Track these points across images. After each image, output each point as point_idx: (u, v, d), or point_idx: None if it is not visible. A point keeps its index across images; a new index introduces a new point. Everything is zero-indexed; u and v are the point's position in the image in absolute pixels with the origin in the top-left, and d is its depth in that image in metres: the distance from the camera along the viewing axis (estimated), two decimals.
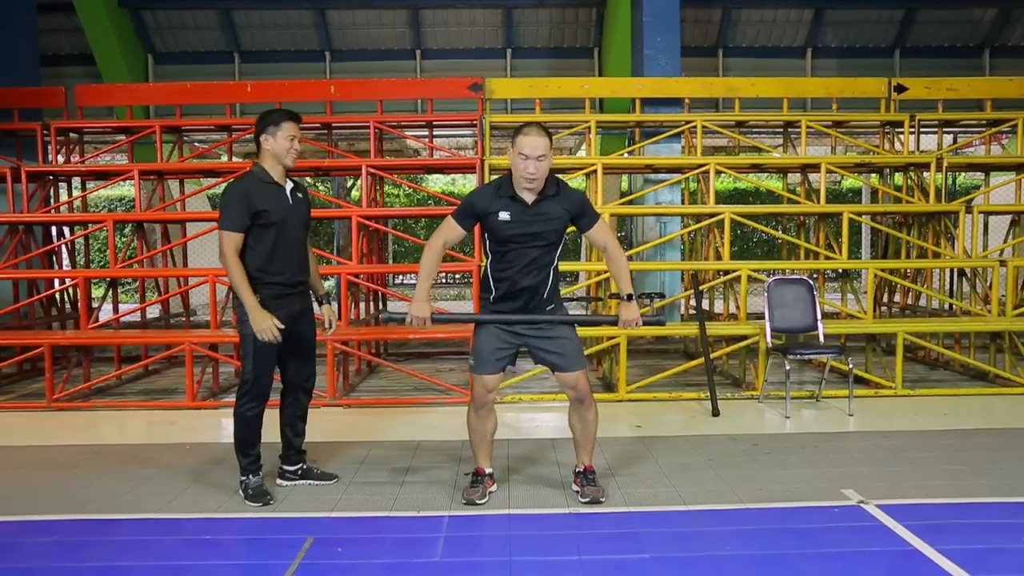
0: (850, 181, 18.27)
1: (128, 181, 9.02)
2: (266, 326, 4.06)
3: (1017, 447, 5.30)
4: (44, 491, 4.52)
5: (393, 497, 4.33)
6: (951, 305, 8.52)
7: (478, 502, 4.17)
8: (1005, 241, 8.90)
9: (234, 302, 4.23)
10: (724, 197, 17.85)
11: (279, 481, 4.52)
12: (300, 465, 4.56)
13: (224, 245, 4.07)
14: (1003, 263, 7.53)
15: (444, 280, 19.88)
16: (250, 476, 4.27)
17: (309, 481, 4.53)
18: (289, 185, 4.29)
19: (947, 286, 8.73)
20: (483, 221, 4.09)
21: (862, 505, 4.11)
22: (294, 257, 4.29)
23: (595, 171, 7.97)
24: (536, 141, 3.92)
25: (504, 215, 4.01)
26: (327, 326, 4.56)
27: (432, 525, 3.93)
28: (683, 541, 3.73)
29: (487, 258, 4.15)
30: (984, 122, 9.36)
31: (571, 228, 4.22)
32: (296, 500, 4.30)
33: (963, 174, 15.34)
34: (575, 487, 4.27)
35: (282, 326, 4.12)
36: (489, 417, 4.25)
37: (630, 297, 4.17)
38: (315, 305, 4.58)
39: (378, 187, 8.83)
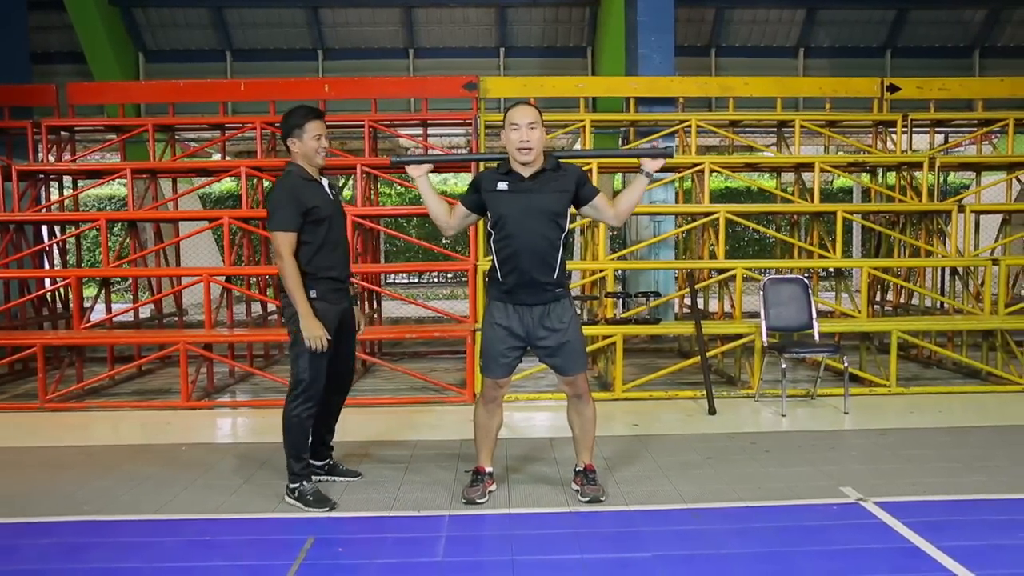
0: (841, 180, 18.35)
1: (117, 180, 8.97)
2: (317, 334, 4.02)
3: (1011, 444, 5.34)
4: (41, 492, 4.50)
5: (393, 497, 4.32)
6: (942, 303, 8.56)
7: (478, 501, 4.17)
8: (996, 240, 8.95)
9: (283, 302, 4.17)
10: (716, 196, 17.89)
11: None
12: (328, 460, 4.54)
13: (280, 247, 4.01)
14: (995, 262, 7.58)
15: (436, 280, 19.85)
16: (304, 482, 4.16)
17: (335, 477, 4.52)
18: (324, 181, 4.27)
19: (939, 285, 8.77)
20: (485, 198, 4.09)
21: (861, 503, 4.13)
22: (343, 252, 4.29)
23: (590, 170, 7.97)
24: (525, 109, 4.00)
25: (502, 184, 4.05)
26: (358, 328, 4.54)
27: (433, 524, 3.93)
28: (684, 539, 3.74)
29: (491, 240, 4.11)
30: (975, 122, 9.42)
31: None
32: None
33: (953, 173, 15.41)
34: (575, 486, 4.28)
35: (329, 337, 4.08)
36: (496, 413, 4.25)
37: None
38: None
39: (372, 186, 8.81)
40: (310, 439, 4.28)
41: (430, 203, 4.21)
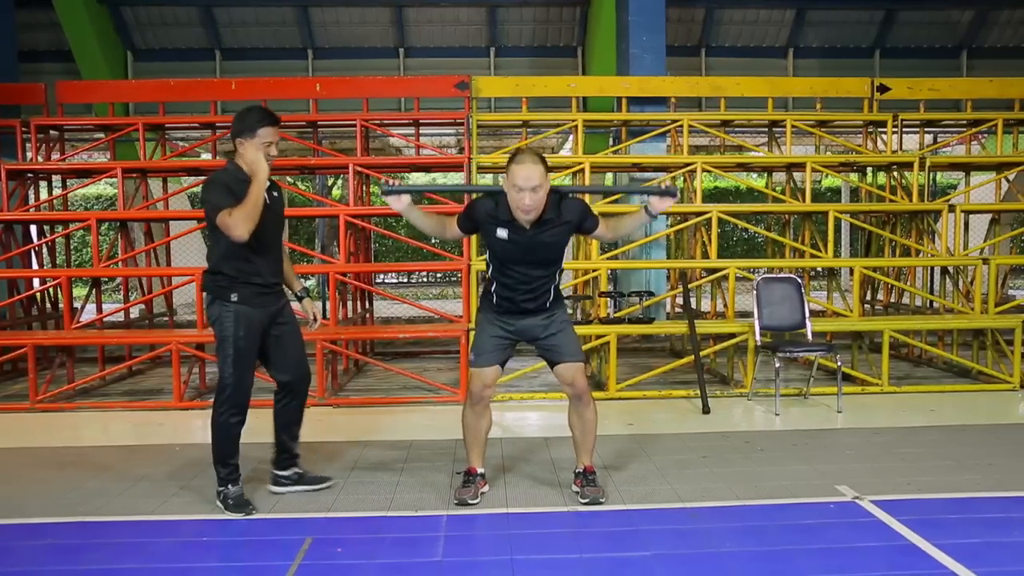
0: (829, 180, 18.44)
1: (106, 179, 8.91)
2: (262, 165, 3.88)
3: (1003, 442, 5.38)
4: (34, 493, 4.46)
5: (389, 497, 4.31)
6: (932, 302, 8.62)
7: (470, 502, 4.16)
8: (985, 239, 9.02)
9: (208, 304, 4.07)
10: (705, 196, 17.94)
11: (272, 488, 4.37)
12: (294, 470, 4.43)
13: (221, 220, 3.80)
14: (986, 261, 7.63)
15: (426, 279, 19.83)
16: (229, 486, 4.09)
17: (304, 487, 4.40)
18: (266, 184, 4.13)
19: (928, 284, 8.83)
20: (481, 230, 4.11)
21: (857, 501, 4.14)
22: (271, 257, 4.14)
23: (582, 170, 7.99)
24: (530, 171, 3.81)
25: (502, 232, 3.99)
26: (311, 321, 4.43)
27: (431, 524, 3.92)
28: (683, 538, 3.74)
29: (489, 268, 4.17)
30: (964, 122, 9.48)
31: None
32: (292, 501, 4.27)
33: (941, 173, 15.52)
34: (575, 488, 4.27)
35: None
36: (484, 414, 4.25)
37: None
38: (295, 303, 4.44)
39: (364, 186, 8.78)
40: (239, 445, 4.19)
41: (422, 225, 4.22)
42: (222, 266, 4.01)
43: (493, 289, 4.17)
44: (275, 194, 4.20)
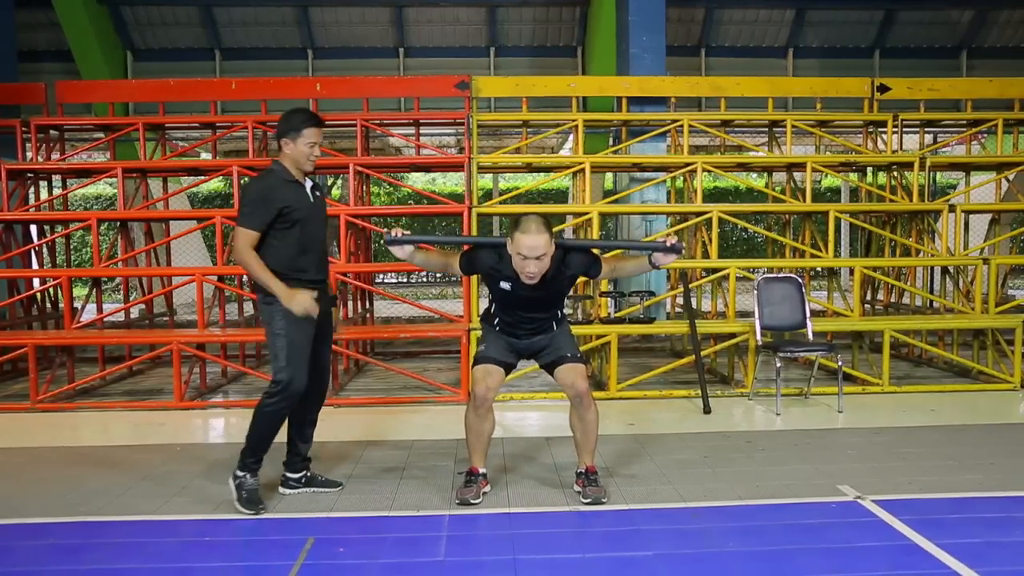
0: (828, 180, 18.45)
1: (105, 179, 8.91)
2: (301, 299, 3.95)
3: (1004, 442, 5.38)
4: (35, 493, 4.46)
5: (391, 497, 4.31)
6: (932, 302, 8.62)
7: (472, 502, 4.16)
8: (985, 239, 9.03)
9: (258, 303, 4.11)
10: (705, 196, 17.97)
11: (281, 489, 4.35)
12: (304, 472, 4.42)
13: (239, 241, 3.98)
14: (986, 261, 7.63)
15: (426, 279, 19.82)
16: (248, 476, 4.10)
17: (313, 488, 4.39)
18: (309, 183, 4.22)
19: (928, 284, 8.84)
20: (483, 278, 4.22)
21: (859, 501, 4.14)
22: (317, 255, 4.21)
23: (583, 169, 7.98)
24: (535, 241, 3.82)
25: (505, 285, 4.06)
26: (335, 329, 4.52)
27: (433, 524, 3.92)
28: (685, 538, 3.74)
29: (491, 299, 4.27)
30: (964, 122, 9.49)
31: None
32: (294, 501, 4.26)
33: (941, 173, 15.53)
34: (577, 488, 4.27)
35: (315, 294, 4.04)
36: (487, 416, 4.25)
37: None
38: None
39: (364, 185, 8.78)
40: (273, 441, 4.19)
41: (426, 266, 4.37)
42: (270, 264, 4.01)
43: (494, 312, 4.28)
44: (318, 193, 4.26)
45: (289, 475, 4.38)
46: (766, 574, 3.36)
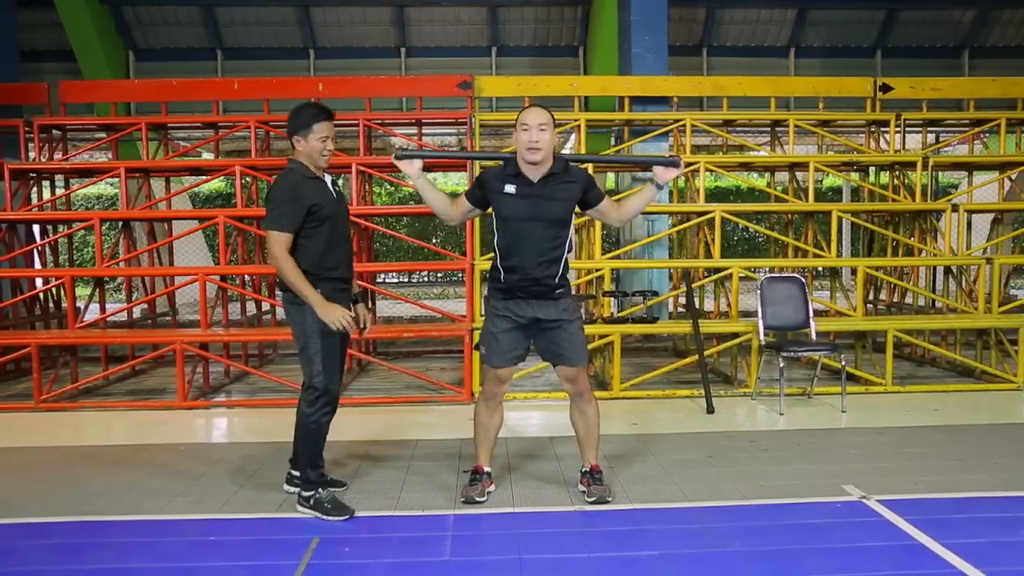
0: (829, 180, 18.44)
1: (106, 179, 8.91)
2: (338, 315, 3.89)
3: (1008, 442, 5.38)
4: (40, 493, 4.46)
5: (395, 497, 4.31)
6: (935, 302, 8.62)
7: (477, 500, 4.16)
8: (988, 239, 9.03)
9: (284, 301, 4.02)
10: (706, 195, 18.00)
11: (286, 487, 4.32)
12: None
13: (275, 246, 3.88)
14: (989, 261, 7.63)
15: (427, 279, 19.82)
16: (319, 490, 4.02)
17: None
18: (328, 179, 4.15)
19: (931, 283, 8.84)
20: (490, 197, 4.11)
21: (864, 500, 4.14)
22: (345, 252, 4.15)
23: (586, 169, 7.96)
24: (537, 111, 4.01)
25: (509, 188, 4.03)
26: (361, 326, 4.34)
27: (438, 524, 3.92)
28: (690, 538, 3.74)
29: (495, 238, 4.14)
30: (967, 121, 9.48)
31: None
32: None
33: (943, 172, 15.52)
34: (581, 487, 4.27)
35: (352, 315, 4.00)
36: (497, 410, 4.25)
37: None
38: None
39: (366, 185, 8.78)
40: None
41: (429, 198, 4.23)
42: (301, 264, 3.93)
43: (499, 265, 4.11)
44: (336, 189, 4.20)
45: (295, 473, 4.34)
46: (771, 574, 3.36)
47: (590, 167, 4.43)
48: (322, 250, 4.00)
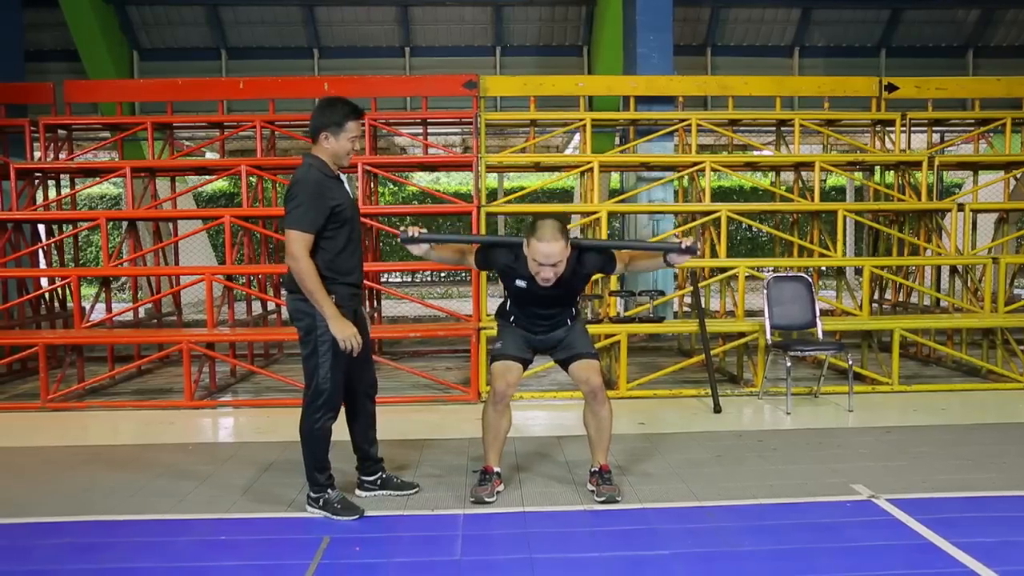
0: (833, 179, 18.42)
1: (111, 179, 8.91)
2: (349, 334, 3.78)
3: (1016, 441, 5.37)
4: (49, 492, 4.47)
5: (406, 496, 4.30)
6: (940, 301, 8.61)
7: (487, 500, 4.17)
8: (993, 238, 9.02)
9: (291, 306, 3.89)
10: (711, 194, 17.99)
11: (358, 492, 4.28)
12: (379, 474, 4.33)
13: (296, 248, 3.70)
14: (995, 260, 7.62)
15: (431, 278, 19.83)
16: (328, 491, 3.98)
17: (388, 491, 4.30)
18: (344, 179, 4.05)
19: (936, 283, 8.83)
20: (499, 273, 4.22)
21: (873, 500, 4.14)
22: (359, 255, 4.05)
23: (591, 168, 7.98)
24: (550, 249, 3.82)
25: (520, 283, 4.09)
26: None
27: (448, 523, 3.92)
28: (700, 537, 3.74)
29: (507, 294, 4.28)
30: (972, 121, 9.47)
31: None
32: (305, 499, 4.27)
33: (948, 172, 15.51)
34: (591, 486, 4.27)
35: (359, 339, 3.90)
36: (505, 413, 4.27)
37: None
38: None
39: (372, 184, 8.79)
40: (354, 455, 4.26)
41: (442, 261, 4.36)
42: (316, 266, 3.78)
43: (509, 308, 4.30)
44: (350, 189, 4.15)
45: (364, 478, 4.30)
46: (782, 573, 3.36)
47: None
48: (340, 254, 3.88)
